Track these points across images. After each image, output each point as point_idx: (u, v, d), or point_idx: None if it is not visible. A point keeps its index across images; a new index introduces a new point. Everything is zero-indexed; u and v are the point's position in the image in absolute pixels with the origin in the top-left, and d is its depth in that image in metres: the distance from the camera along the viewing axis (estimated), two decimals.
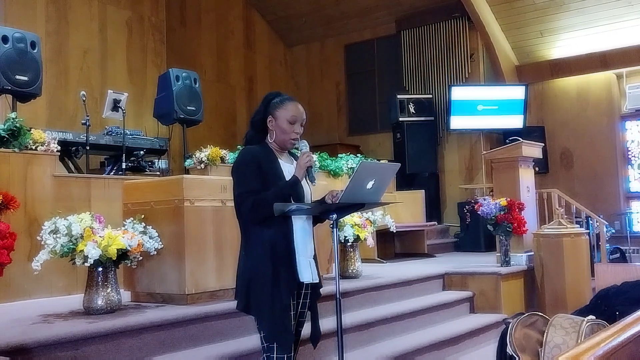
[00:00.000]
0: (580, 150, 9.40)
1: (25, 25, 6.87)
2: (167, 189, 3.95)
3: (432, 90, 9.99)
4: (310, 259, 2.72)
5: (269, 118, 2.70)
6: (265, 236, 2.58)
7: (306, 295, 2.73)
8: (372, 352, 4.21)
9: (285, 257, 2.59)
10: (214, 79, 10.27)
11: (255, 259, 2.59)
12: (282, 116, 2.68)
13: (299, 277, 2.62)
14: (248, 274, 2.60)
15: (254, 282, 2.57)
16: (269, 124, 2.70)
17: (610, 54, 8.91)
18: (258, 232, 2.60)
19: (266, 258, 2.57)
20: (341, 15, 10.85)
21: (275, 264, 2.56)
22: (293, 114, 2.69)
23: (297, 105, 2.73)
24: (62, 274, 4.43)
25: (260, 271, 2.57)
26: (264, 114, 2.71)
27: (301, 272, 2.63)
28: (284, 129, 2.68)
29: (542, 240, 5.93)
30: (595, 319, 3.33)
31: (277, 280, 2.55)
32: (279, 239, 2.59)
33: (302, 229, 2.68)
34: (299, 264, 2.63)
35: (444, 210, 9.77)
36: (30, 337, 2.91)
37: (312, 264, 2.72)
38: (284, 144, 2.72)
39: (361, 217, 5.19)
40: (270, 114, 2.70)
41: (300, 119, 2.71)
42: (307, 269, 2.67)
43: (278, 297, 2.54)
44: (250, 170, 2.59)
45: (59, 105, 7.98)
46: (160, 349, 3.38)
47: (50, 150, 4.67)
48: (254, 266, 2.59)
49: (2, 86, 5.28)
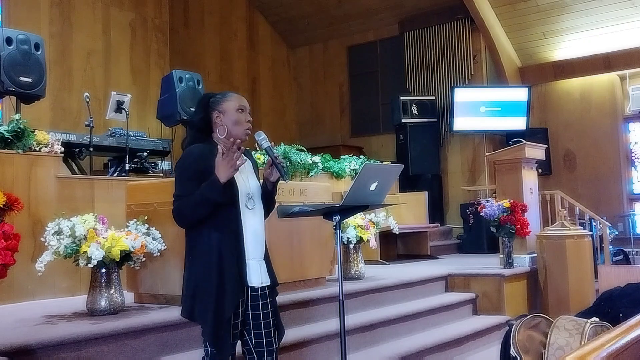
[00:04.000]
0: (584, 152, 9.38)
1: (29, 27, 6.90)
2: (170, 190, 3.90)
3: (435, 91, 9.98)
4: (260, 261, 2.63)
5: (216, 114, 2.61)
6: (212, 240, 2.49)
7: (264, 296, 2.63)
8: (375, 353, 4.21)
9: (233, 263, 2.50)
10: (217, 80, 10.28)
11: (201, 266, 2.50)
12: (230, 107, 2.61)
13: (247, 282, 2.55)
14: (193, 283, 2.51)
15: (199, 290, 2.49)
16: (217, 119, 2.61)
17: (614, 56, 8.90)
18: (205, 236, 2.51)
19: (213, 265, 2.47)
20: (344, 16, 10.85)
21: (222, 271, 2.47)
22: (239, 102, 2.63)
23: (239, 96, 2.67)
24: (66, 275, 4.44)
25: (206, 279, 2.48)
26: (205, 113, 2.63)
27: (250, 277, 2.56)
28: (236, 119, 2.60)
29: (545, 242, 5.92)
30: (598, 320, 3.33)
31: (222, 289, 2.46)
32: (228, 243, 2.50)
33: (253, 230, 2.59)
34: (248, 268, 2.55)
35: (447, 212, 9.76)
36: (34, 338, 2.92)
37: (263, 266, 2.64)
38: (240, 136, 2.59)
39: (364, 219, 5.19)
40: (215, 109, 2.61)
41: (247, 107, 2.65)
42: (257, 272, 2.59)
43: (221, 307, 2.45)
44: (186, 174, 2.52)
45: (63, 106, 8.01)
46: (163, 350, 3.38)
47: (54, 152, 4.68)
48: (199, 273, 2.50)
49: (6, 88, 5.30)
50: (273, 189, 2.68)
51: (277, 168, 2.59)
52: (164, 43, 9.40)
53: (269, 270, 2.67)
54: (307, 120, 11.67)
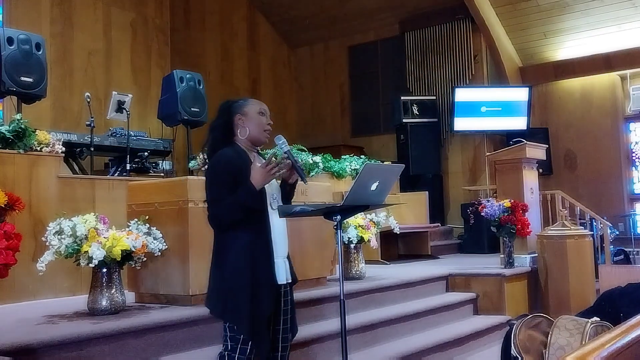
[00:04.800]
0: (584, 152, 9.38)
1: (30, 27, 6.91)
2: (171, 190, 3.96)
3: (435, 91, 9.98)
4: (285, 259, 2.74)
5: (238, 117, 2.73)
6: (243, 241, 2.57)
7: (286, 294, 2.75)
8: (376, 353, 4.21)
9: (264, 263, 2.60)
10: (218, 80, 10.28)
11: (234, 267, 2.57)
12: (252, 110, 2.74)
13: (277, 281, 2.64)
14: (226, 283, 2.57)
15: (233, 290, 2.55)
16: (239, 122, 2.73)
17: (615, 56, 8.90)
18: (234, 238, 2.59)
19: (246, 265, 2.56)
20: (345, 16, 10.85)
21: (255, 271, 2.56)
22: (260, 106, 2.77)
23: (260, 101, 2.82)
24: (67, 275, 4.44)
25: (239, 279, 2.55)
26: (227, 117, 2.75)
27: (277, 275, 2.65)
28: (258, 121, 2.73)
29: (545, 242, 5.92)
30: (599, 320, 3.32)
31: (257, 288, 2.55)
32: (258, 244, 2.59)
33: (278, 230, 2.70)
34: (276, 266, 2.64)
35: (448, 212, 9.76)
36: (35, 337, 2.92)
37: (286, 263, 2.75)
38: (260, 137, 2.75)
39: (365, 219, 5.19)
40: (238, 113, 2.74)
41: (267, 111, 2.79)
42: (283, 270, 2.70)
43: (259, 306, 2.55)
44: (218, 178, 2.60)
45: (64, 106, 8.01)
46: (164, 349, 3.38)
47: (55, 152, 4.68)
48: (232, 274, 2.57)
49: (7, 88, 5.30)
50: (291, 190, 2.81)
51: (297, 171, 2.69)
52: (164, 43, 9.40)
53: (290, 267, 2.79)
54: (308, 120, 11.67)
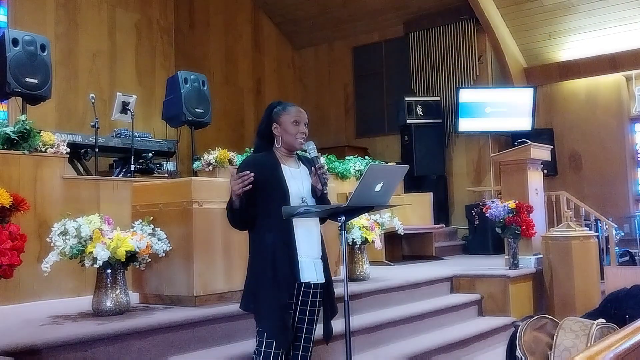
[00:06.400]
0: (589, 153, 9.36)
1: (35, 28, 6.93)
2: (175, 191, 3.96)
3: (440, 92, 9.97)
4: (315, 260, 2.78)
5: (274, 125, 2.83)
6: (267, 241, 2.70)
7: (315, 294, 2.79)
8: (380, 354, 4.21)
9: (285, 261, 2.68)
10: (222, 81, 10.30)
11: (259, 264, 2.71)
12: (286, 120, 2.82)
13: (300, 278, 2.69)
14: (253, 279, 2.72)
15: (256, 284, 2.70)
16: (275, 130, 2.83)
17: (620, 56, 8.88)
18: (260, 238, 2.73)
19: (268, 263, 2.67)
20: (349, 17, 10.85)
21: (276, 268, 2.66)
22: (295, 115, 2.84)
23: (298, 108, 2.89)
24: (71, 276, 4.45)
25: (263, 276, 2.68)
26: (268, 123, 2.85)
27: (302, 273, 2.71)
28: (290, 131, 2.81)
29: (550, 243, 5.90)
30: (605, 322, 3.32)
31: (276, 281, 2.64)
32: (280, 244, 2.68)
33: (305, 230, 2.77)
34: (300, 265, 2.71)
35: (452, 213, 9.74)
36: (40, 338, 2.92)
37: (318, 264, 2.79)
38: (292, 145, 2.83)
39: (369, 220, 5.18)
40: (275, 121, 2.83)
41: (303, 120, 2.86)
42: (311, 270, 2.74)
43: (277, 296, 2.63)
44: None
45: (69, 107, 8.04)
46: (168, 350, 3.38)
47: (60, 153, 4.69)
48: (257, 271, 2.72)
49: (12, 89, 5.32)
50: (321, 195, 2.86)
51: (319, 178, 2.77)
52: (169, 44, 9.42)
53: (324, 269, 2.82)
54: (312, 121, 11.33)
